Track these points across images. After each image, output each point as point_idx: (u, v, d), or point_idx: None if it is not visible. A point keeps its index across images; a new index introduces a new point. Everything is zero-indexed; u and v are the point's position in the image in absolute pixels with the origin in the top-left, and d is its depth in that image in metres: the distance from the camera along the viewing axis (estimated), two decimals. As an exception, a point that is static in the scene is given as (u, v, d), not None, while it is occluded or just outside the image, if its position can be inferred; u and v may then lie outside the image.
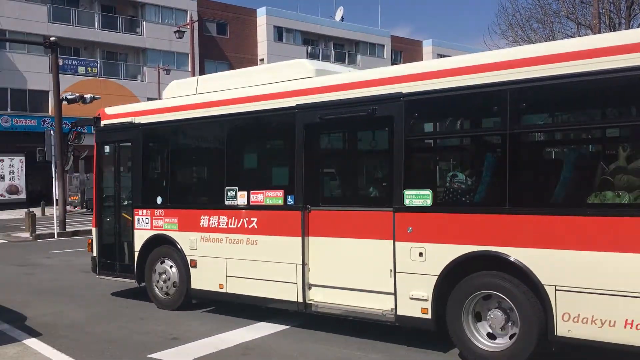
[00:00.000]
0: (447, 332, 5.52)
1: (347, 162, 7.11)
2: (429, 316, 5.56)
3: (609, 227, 4.66)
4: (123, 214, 8.47)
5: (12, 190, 32.14)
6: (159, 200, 7.94)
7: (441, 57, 56.71)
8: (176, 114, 7.82)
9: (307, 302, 6.46)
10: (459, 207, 5.54)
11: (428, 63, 6.12)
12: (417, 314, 5.63)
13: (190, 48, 26.72)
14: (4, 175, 31.74)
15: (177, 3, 39.50)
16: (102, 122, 8.72)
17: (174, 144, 8.18)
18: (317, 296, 6.43)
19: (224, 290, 7.21)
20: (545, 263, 4.93)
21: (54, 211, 19.19)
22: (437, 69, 5.65)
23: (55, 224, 18.50)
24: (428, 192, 5.57)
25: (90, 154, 9.68)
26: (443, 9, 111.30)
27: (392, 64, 52.98)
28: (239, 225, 7.06)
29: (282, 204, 6.62)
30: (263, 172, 7.47)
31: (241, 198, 7.02)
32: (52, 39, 19.99)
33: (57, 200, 18.95)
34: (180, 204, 7.81)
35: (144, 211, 8.07)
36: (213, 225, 7.30)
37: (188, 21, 28.00)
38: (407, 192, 5.67)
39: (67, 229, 18.98)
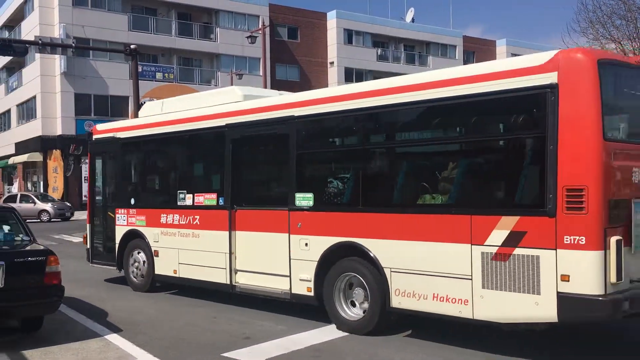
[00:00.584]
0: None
1: (261, 170, 8.64)
2: (312, 294, 6.98)
3: (424, 222, 6.06)
4: (109, 213, 10.16)
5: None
6: (132, 201, 9.65)
7: (515, 56, 55.29)
8: (142, 131, 9.55)
9: (233, 284, 7.92)
10: (332, 207, 6.98)
11: (314, 92, 7.61)
12: (304, 292, 7.06)
13: (261, 53, 27.19)
14: (87, 178, 33.37)
15: (250, 9, 40.32)
16: (94, 137, 10.52)
17: (142, 155, 10.09)
18: (240, 279, 7.90)
19: (177, 275, 8.81)
20: (385, 250, 6.33)
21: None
22: (318, 97, 7.18)
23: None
24: (311, 195, 7.00)
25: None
26: (517, 7, 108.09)
27: (464, 64, 51.91)
28: (186, 222, 8.66)
29: (216, 204, 8.18)
30: (203, 178, 9.14)
31: (188, 200, 8.64)
32: (132, 46, 20.86)
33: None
34: (147, 205, 9.47)
35: (122, 210, 9.77)
36: (169, 222, 8.92)
37: (260, 26, 28.52)
38: (297, 195, 7.14)
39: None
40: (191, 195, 8.59)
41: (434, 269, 5.95)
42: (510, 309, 5.49)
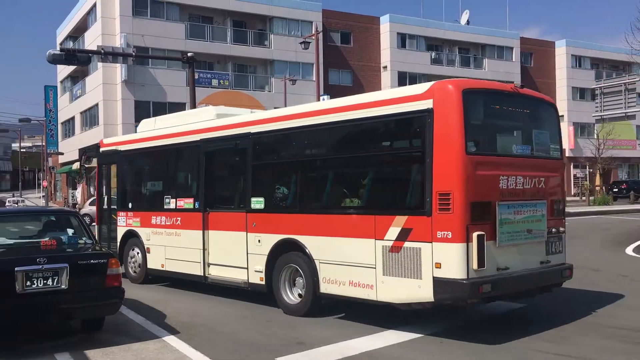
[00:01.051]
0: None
1: (227, 178, 10.00)
2: (263, 283, 8.24)
3: (342, 222, 7.36)
4: (112, 215, 11.64)
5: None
6: (129, 205, 11.18)
7: (576, 57, 53.04)
8: (137, 144, 11.18)
9: (206, 275, 9.27)
10: (278, 209, 8.32)
11: (264, 112, 9.30)
12: (258, 281, 8.34)
13: (314, 58, 27.27)
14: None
15: (303, 15, 40.63)
16: (101, 149, 12.09)
17: (137, 165, 11.70)
18: (212, 272, 9.25)
19: (164, 269, 10.22)
20: (315, 245, 7.60)
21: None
22: (264, 117, 8.71)
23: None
24: (262, 199, 8.42)
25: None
26: (577, 7, 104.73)
27: (522, 66, 50.70)
28: (171, 223, 10.10)
29: (192, 207, 9.62)
30: (184, 185, 10.56)
31: (172, 204, 10.12)
32: (189, 54, 21.30)
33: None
34: (141, 208, 10.91)
35: (122, 213, 11.29)
36: (158, 223, 10.35)
37: (313, 32, 28.64)
38: (252, 199, 8.55)
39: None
40: (174, 200, 10.12)
41: (349, 260, 7.23)
42: (402, 292, 6.70)
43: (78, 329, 7.22)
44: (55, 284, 6.36)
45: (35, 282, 6.26)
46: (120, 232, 11.30)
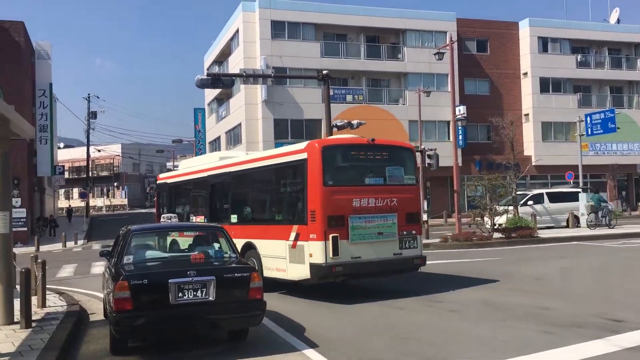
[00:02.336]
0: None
1: (221, 203, 13.70)
2: None
3: (271, 230, 11.27)
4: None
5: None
6: (195, 219, 14.89)
7: None
8: (174, 179, 16.61)
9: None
10: (242, 222, 12.46)
11: (230, 159, 13.85)
12: None
13: (449, 68, 26.66)
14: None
15: (437, 26, 40.04)
16: (158, 181, 18.00)
17: (176, 193, 16.57)
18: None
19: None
20: (260, 245, 11.54)
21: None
22: (229, 163, 13.47)
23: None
24: (235, 216, 12.51)
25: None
26: None
27: (684, 64, 45.81)
28: None
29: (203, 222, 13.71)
30: (200, 206, 14.84)
31: (193, 219, 14.58)
32: (324, 72, 21.83)
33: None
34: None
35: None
36: None
37: (447, 42, 28.04)
38: (231, 216, 12.83)
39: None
40: (194, 217, 14.52)
41: (275, 254, 11.01)
42: (298, 273, 10.42)
43: (222, 339, 7.57)
44: (203, 295, 6.73)
45: (186, 293, 6.67)
46: None
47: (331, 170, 10.47)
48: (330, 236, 9.90)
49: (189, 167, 15.94)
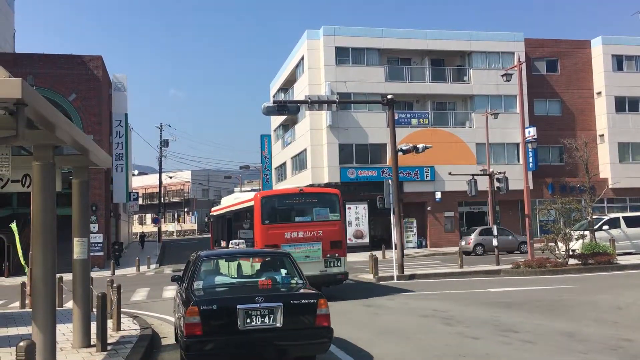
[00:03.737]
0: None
1: (227, 229, 19.71)
2: None
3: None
4: (215, 245, 21.32)
5: (357, 234, 35.75)
6: (222, 243, 20.33)
7: None
8: (218, 212, 22.17)
9: None
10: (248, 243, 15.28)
11: (234, 199, 20.21)
12: None
13: (518, 90, 26.02)
14: (351, 222, 35.58)
15: (504, 47, 39.33)
16: (210, 213, 23.95)
17: (222, 222, 21.17)
18: None
19: None
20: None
21: (393, 255, 20.51)
22: (230, 204, 20.22)
23: (394, 267, 19.73)
24: (243, 241, 11.17)
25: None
26: None
27: None
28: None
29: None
30: (225, 232, 20.04)
31: (224, 243, 19.89)
32: (388, 96, 21.81)
33: (395, 244, 20.24)
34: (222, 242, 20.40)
35: (223, 244, 20.40)
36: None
37: (515, 63, 27.46)
38: (240, 232, 17.59)
39: (405, 272, 20.03)
40: (228, 240, 16.94)
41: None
42: None
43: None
44: (271, 321, 6.74)
45: (254, 319, 6.71)
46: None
47: (267, 213, 15.02)
48: None
49: (225, 204, 21.42)
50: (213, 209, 23.03)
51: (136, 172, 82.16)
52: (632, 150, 41.04)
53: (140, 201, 62.78)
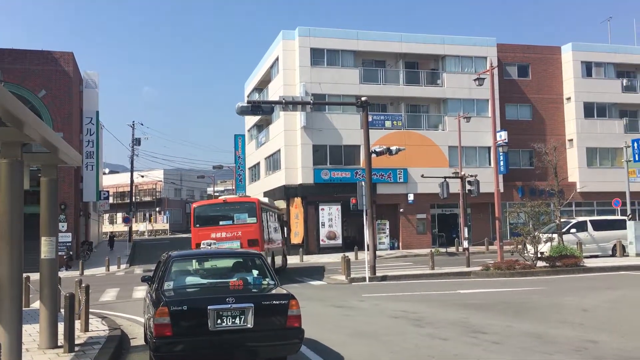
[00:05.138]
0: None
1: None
2: None
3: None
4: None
5: (330, 236, 35.83)
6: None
7: None
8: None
9: None
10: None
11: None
12: None
13: (490, 94, 26.41)
14: (324, 223, 35.65)
15: (477, 51, 39.84)
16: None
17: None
18: None
19: None
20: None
21: (365, 256, 20.62)
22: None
23: (366, 268, 19.83)
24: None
25: None
26: None
27: None
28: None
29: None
30: None
31: None
32: (363, 98, 21.92)
33: (367, 246, 20.35)
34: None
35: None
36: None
37: (488, 67, 27.88)
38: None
39: (377, 274, 20.15)
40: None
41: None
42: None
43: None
44: (242, 322, 6.73)
45: (224, 320, 6.69)
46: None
47: (198, 218, 20.06)
48: None
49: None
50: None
51: (107, 170, 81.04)
52: (600, 155, 41.96)
53: (111, 200, 61.92)
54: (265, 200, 25.05)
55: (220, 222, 19.67)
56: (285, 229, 28.54)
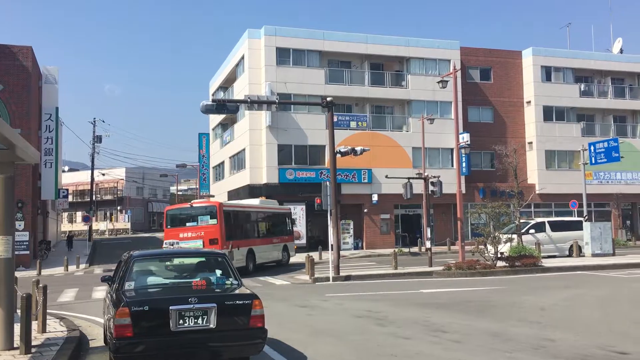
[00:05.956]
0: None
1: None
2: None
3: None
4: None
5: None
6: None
7: None
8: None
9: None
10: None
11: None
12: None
13: (453, 96, 26.83)
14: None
15: (441, 54, 40.40)
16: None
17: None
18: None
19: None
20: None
21: (329, 256, 20.68)
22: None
23: (330, 268, 19.89)
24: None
25: None
26: None
27: (687, 94, 46.15)
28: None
29: None
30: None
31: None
32: (328, 98, 21.97)
33: (332, 245, 20.41)
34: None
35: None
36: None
37: (451, 70, 28.29)
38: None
39: (341, 273, 20.23)
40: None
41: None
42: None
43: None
44: (204, 323, 6.67)
45: (187, 320, 6.62)
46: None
47: (169, 220, 23.07)
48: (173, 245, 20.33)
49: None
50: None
51: (67, 168, 79.19)
52: (558, 158, 43.04)
53: (70, 198, 60.51)
54: (256, 202, 27.75)
55: (187, 224, 22.26)
56: (290, 226, 29.51)
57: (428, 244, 24.04)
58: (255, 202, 27.50)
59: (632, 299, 13.87)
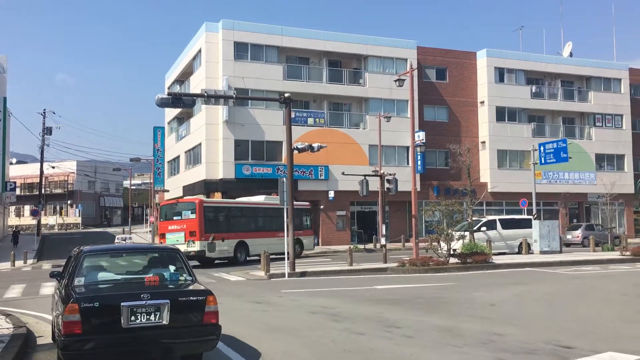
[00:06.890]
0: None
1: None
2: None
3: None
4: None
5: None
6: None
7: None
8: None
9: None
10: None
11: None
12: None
13: (409, 95, 27.17)
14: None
15: (398, 53, 40.85)
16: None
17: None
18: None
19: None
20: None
21: (285, 252, 20.66)
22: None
23: (286, 264, 19.89)
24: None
25: None
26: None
27: (631, 98, 47.94)
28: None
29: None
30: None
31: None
32: (286, 94, 21.93)
33: (287, 241, 20.39)
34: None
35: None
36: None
37: (408, 69, 28.64)
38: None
39: (297, 270, 20.25)
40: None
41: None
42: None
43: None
44: (157, 319, 6.57)
45: (139, 317, 6.51)
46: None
47: (163, 214, 26.38)
48: (161, 241, 24.40)
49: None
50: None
51: (14, 160, 76.49)
52: (509, 157, 44.18)
53: (18, 192, 58.57)
54: (260, 198, 29.27)
55: (174, 217, 25.66)
56: (307, 222, 31.08)
57: (383, 241, 24.33)
58: (259, 198, 29.34)
59: (577, 295, 14.37)
